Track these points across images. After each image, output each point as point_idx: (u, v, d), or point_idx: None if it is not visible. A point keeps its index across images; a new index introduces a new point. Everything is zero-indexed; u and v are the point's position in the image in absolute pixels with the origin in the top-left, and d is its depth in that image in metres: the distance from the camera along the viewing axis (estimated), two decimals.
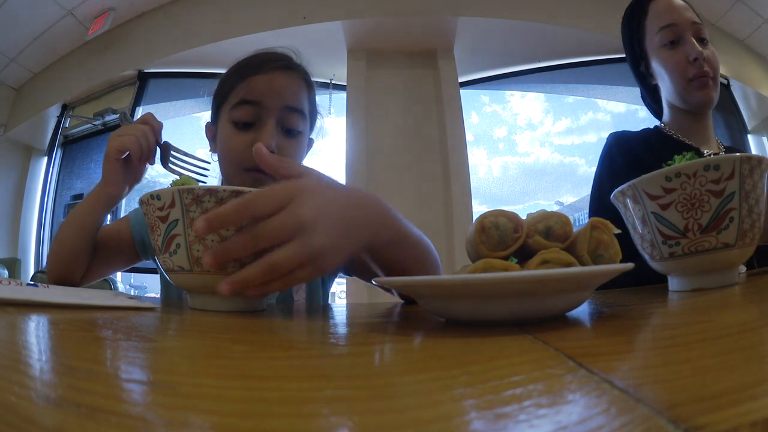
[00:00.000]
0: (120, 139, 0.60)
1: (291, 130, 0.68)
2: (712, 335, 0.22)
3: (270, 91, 0.66)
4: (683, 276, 0.46)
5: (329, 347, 0.26)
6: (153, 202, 0.41)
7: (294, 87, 0.68)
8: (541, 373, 0.17)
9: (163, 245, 0.41)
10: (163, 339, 0.28)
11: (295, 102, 0.68)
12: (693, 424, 0.11)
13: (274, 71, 0.67)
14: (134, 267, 0.76)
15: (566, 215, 0.36)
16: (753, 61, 2.91)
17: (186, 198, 0.40)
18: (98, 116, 3.06)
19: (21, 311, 0.31)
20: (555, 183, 3.15)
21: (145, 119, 0.63)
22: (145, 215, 0.44)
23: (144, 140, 0.61)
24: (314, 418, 0.13)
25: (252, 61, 0.69)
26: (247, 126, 0.66)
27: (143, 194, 0.43)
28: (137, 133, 0.60)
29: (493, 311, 0.29)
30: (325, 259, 0.35)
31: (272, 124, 0.65)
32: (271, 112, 0.65)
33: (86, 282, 0.67)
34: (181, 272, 0.41)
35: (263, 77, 0.66)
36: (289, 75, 0.68)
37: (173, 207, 0.40)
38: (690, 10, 0.82)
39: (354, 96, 2.66)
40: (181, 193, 0.40)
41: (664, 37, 0.81)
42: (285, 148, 0.67)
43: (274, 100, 0.66)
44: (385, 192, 2.52)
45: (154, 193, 0.41)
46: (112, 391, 0.15)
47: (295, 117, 0.67)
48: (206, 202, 0.40)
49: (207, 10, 2.83)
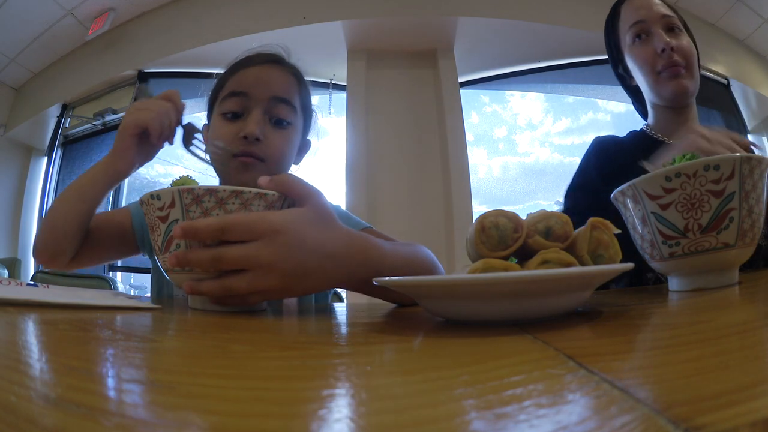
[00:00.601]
0: (140, 114, 0.56)
1: (280, 121, 0.67)
2: (712, 335, 0.22)
3: (257, 82, 0.66)
4: (683, 276, 0.46)
5: (329, 347, 0.26)
6: (153, 202, 0.41)
7: (282, 79, 0.69)
8: (541, 373, 0.17)
9: (163, 245, 0.41)
10: (163, 339, 0.28)
11: (282, 92, 0.67)
12: (693, 424, 0.11)
13: (263, 64, 0.68)
14: (134, 267, 0.75)
15: (566, 215, 0.36)
16: (753, 61, 2.91)
17: (186, 198, 0.40)
18: (98, 116, 3.06)
19: (21, 311, 0.31)
20: (555, 183, 3.15)
21: (169, 95, 0.60)
22: (145, 215, 0.44)
23: (165, 119, 0.57)
24: (314, 418, 0.13)
25: (242, 57, 0.70)
26: (236, 116, 0.66)
27: (143, 194, 0.43)
28: (159, 110, 0.57)
29: (493, 311, 0.29)
30: (274, 295, 0.40)
31: (259, 113, 0.65)
32: (258, 102, 0.65)
33: (75, 265, 0.64)
34: (181, 272, 0.40)
35: (252, 69, 0.67)
36: (277, 68, 0.69)
37: (173, 207, 0.40)
38: (661, 5, 0.81)
39: (354, 96, 2.65)
40: (182, 193, 0.40)
41: (633, 34, 0.81)
42: (272, 138, 0.66)
43: (261, 90, 0.66)
44: (385, 192, 2.52)
45: (154, 193, 0.41)
46: (111, 391, 0.15)
47: (282, 108, 0.67)
48: (206, 202, 0.40)
49: (207, 10, 2.82)
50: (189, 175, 0.45)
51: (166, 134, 0.58)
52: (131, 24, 2.99)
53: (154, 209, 0.41)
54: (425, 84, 2.72)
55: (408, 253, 0.53)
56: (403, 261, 0.49)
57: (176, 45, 2.81)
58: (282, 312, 0.47)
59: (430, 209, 2.51)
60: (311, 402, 0.14)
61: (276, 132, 0.67)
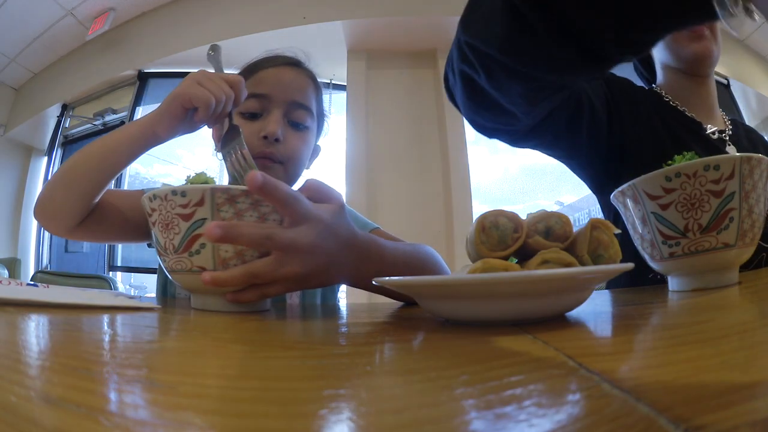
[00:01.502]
0: (199, 91, 0.52)
1: (298, 124, 0.68)
2: (712, 335, 0.22)
3: (278, 84, 0.66)
4: (683, 276, 0.46)
5: (329, 347, 0.26)
6: (174, 198, 0.39)
7: (302, 83, 0.69)
8: (541, 373, 0.17)
9: (181, 244, 0.40)
10: (164, 339, 0.28)
11: (302, 98, 0.68)
12: (693, 424, 0.11)
13: (283, 66, 0.69)
14: (134, 267, 0.74)
15: (566, 215, 0.36)
16: (753, 61, 2.91)
17: (219, 197, 0.39)
18: (98, 116, 3.06)
19: (21, 311, 0.31)
20: (555, 183, 3.15)
21: (234, 83, 0.55)
22: (154, 211, 0.42)
23: (219, 107, 0.53)
24: (314, 418, 0.13)
25: (261, 59, 0.70)
26: (255, 116, 0.66)
27: (156, 189, 0.41)
28: (218, 96, 0.53)
29: (493, 311, 0.29)
30: (292, 286, 0.42)
31: (279, 114, 0.65)
32: (278, 104, 0.66)
33: (77, 235, 0.61)
34: (183, 272, 0.40)
35: (272, 70, 0.67)
36: (297, 71, 0.70)
37: (201, 205, 0.39)
38: None
39: (354, 96, 2.66)
40: (214, 192, 0.38)
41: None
42: (290, 139, 0.67)
43: (282, 92, 0.66)
44: (385, 192, 2.52)
45: (177, 189, 0.39)
46: (111, 391, 0.15)
47: (301, 113, 0.68)
48: (241, 203, 0.39)
49: (207, 10, 2.82)
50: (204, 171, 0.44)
51: (213, 120, 0.55)
52: (131, 24, 2.99)
53: (173, 206, 0.39)
54: (425, 84, 2.72)
55: (409, 251, 0.54)
56: (403, 258, 0.51)
57: (176, 45, 2.81)
58: (283, 312, 0.47)
59: (430, 209, 2.52)
60: (311, 402, 0.14)
61: (294, 134, 0.68)
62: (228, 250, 0.39)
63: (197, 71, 0.54)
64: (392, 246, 0.50)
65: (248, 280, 0.39)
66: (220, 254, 0.39)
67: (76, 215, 0.57)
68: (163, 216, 0.40)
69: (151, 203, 0.41)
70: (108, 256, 2.94)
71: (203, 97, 0.51)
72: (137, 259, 3.00)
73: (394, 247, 0.51)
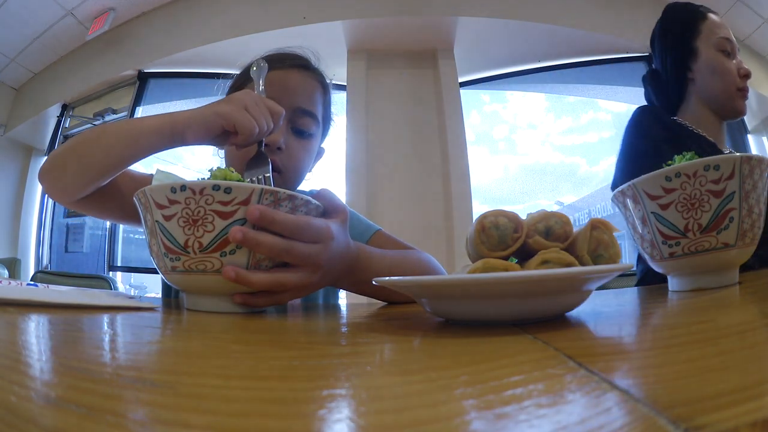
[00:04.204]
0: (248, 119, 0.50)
1: (302, 131, 0.66)
2: (712, 335, 0.22)
3: (284, 90, 0.64)
4: (683, 276, 0.46)
5: (329, 347, 0.26)
6: (213, 193, 0.36)
7: (309, 88, 0.67)
8: (541, 373, 0.17)
9: (212, 243, 0.37)
10: (163, 339, 0.28)
11: (308, 104, 0.66)
12: (693, 424, 0.11)
13: (291, 68, 0.66)
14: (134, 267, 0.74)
15: (566, 215, 0.36)
16: (753, 61, 2.90)
17: (266, 198, 0.38)
18: (98, 116, 3.06)
19: (21, 311, 0.31)
20: (555, 183, 3.16)
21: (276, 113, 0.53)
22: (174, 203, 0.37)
23: (258, 137, 0.52)
24: (314, 418, 0.13)
25: (269, 58, 0.66)
26: None
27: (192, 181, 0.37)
28: (262, 127, 0.51)
29: (493, 311, 0.29)
30: (304, 292, 0.44)
31: (283, 123, 0.63)
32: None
33: (79, 207, 0.59)
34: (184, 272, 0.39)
35: (278, 73, 0.64)
36: (304, 75, 0.67)
37: (245, 204, 0.37)
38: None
39: (354, 96, 2.65)
40: (263, 192, 0.38)
41: (723, 44, 0.88)
42: (293, 148, 0.65)
43: (287, 98, 0.63)
44: (385, 192, 2.52)
45: (221, 184, 0.36)
46: (111, 391, 0.15)
47: (306, 120, 0.66)
48: (284, 207, 0.40)
49: (207, 10, 2.82)
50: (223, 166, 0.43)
51: (245, 146, 0.53)
52: (131, 24, 2.99)
53: (209, 201, 0.36)
54: (425, 84, 2.72)
55: (397, 257, 0.58)
56: (389, 264, 0.55)
57: (176, 45, 2.82)
58: (283, 312, 0.47)
59: (430, 209, 2.51)
60: (311, 402, 0.14)
61: (297, 142, 0.66)
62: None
63: (245, 93, 0.52)
64: (379, 254, 0.54)
65: (273, 288, 0.40)
66: (255, 255, 0.38)
67: (84, 191, 0.56)
68: (191, 211, 0.36)
69: (174, 195, 0.37)
70: (108, 256, 2.94)
71: (249, 126, 0.50)
72: (137, 259, 3.00)
73: (381, 254, 0.55)
